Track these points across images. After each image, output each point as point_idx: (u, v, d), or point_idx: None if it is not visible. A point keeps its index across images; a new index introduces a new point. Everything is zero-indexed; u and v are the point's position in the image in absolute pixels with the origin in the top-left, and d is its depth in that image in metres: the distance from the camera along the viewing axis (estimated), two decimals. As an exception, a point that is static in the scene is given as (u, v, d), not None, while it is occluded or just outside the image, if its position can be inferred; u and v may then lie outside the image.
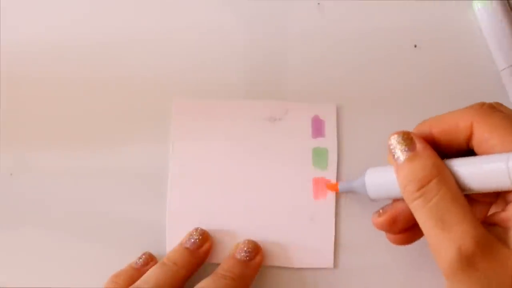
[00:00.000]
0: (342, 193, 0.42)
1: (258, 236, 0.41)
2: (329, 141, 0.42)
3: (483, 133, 0.31)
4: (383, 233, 0.40)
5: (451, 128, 0.32)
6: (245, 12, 0.44)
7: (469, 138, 0.32)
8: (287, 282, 0.41)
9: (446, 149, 0.33)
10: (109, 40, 0.44)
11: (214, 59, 0.43)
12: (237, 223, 0.41)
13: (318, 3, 0.44)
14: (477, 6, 0.43)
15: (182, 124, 0.42)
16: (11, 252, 0.41)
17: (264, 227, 0.41)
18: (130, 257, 0.40)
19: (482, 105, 0.32)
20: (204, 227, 0.41)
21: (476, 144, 0.32)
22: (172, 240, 0.41)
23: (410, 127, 0.38)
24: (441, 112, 0.37)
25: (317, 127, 0.42)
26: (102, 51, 0.44)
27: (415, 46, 0.44)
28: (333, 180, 0.42)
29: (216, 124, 0.42)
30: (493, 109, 0.32)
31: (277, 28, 0.44)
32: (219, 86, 0.43)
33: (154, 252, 0.40)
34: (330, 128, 0.42)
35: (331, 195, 0.41)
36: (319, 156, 0.42)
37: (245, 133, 0.42)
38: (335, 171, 0.42)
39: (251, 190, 0.41)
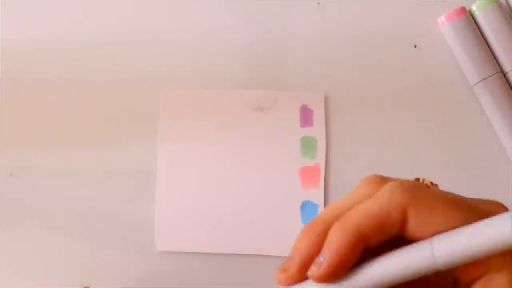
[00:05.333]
0: (332, 183, 0.42)
1: (248, 226, 0.41)
2: (317, 131, 0.42)
3: (422, 216, 0.25)
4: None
5: (383, 221, 0.26)
6: (245, 11, 0.44)
7: (403, 225, 0.26)
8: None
9: (377, 241, 0.27)
10: (107, 41, 0.44)
11: (214, 58, 0.44)
12: (226, 214, 0.42)
13: (318, 3, 0.44)
14: (475, 9, 0.43)
15: (170, 113, 0.43)
16: (11, 252, 0.42)
17: (253, 217, 0.41)
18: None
19: (402, 185, 0.26)
20: (194, 218, 0.41)
21: (412, 229, 0.26)
22: (162, 233, 0.42)
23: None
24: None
25: (305, 117, 0.42)
26: (101, 51, 0.44)
27: (415, 46, 0.44)
28: (322, 168, 0.42)
29: (204, 113, 0.43)
30: (420, 188, 0.26)
31: (277, 28, 0.44)
32: (217, 84, 0.44)
33: (143, 248, 0.42)
34: (318, 117, 0.42)
35: (320, 184, 0.41)
36: (307, 145, 0.42)
37: (233, 123, 0.42)
38: (323, 160, 0.42)
39: (240, 181, 0.42)
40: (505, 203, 0.41)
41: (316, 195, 0.41)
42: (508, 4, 0.43)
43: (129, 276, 0.42)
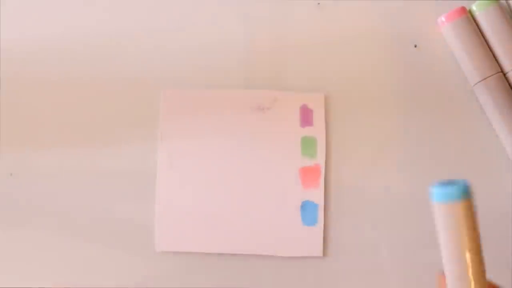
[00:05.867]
0: (332, 183, 0.42)
1: (248, 225, 0.41)
2: (317, 130, 0.42)
3: None
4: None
5: None
6: (245, 11, 0.44)
7: None
8: (277, 271, 0.41)
9: None
10: (107, 41, 0.44)
11: (214, 58, 0.44)
12: (226, 214, 0.42)
13: (318, 3, 0.44)
14: (475, 9, 0.43)
15: (170, 113, 0.43)
16: (10, 252, 0.42)
17: (253, 217, 0.41)
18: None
19: None
20: (194, 218, 0.41)
21: None
22: (162, 233, 0.42)
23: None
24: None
25: (306, 116, 0.42)
26: (102, 51, 0.44)
27: (415, 46, 0.44)
28: (322, 168, 0.42)
29: (204, 113, 0.43)
30: None
31: (277, 28, 0.44)
32: (217, 84, 0.44)
33: (143, 248, 0.42)
34: (318, 117, 0.42)
35: (320, 184, 0.42)
36: (307, 145, 0.42)
37: (233, 123, 0.42)
38: (323, 160, 0.42)
39: (240, 181, 0.42)
40: (505, 204, 0.42)
41: (316, 195, 0.41)
42: (508, 4, 0.43)
43: (129, 276, 0.42)
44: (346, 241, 0.41)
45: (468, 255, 0.26)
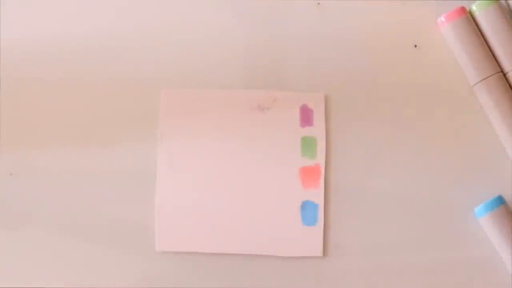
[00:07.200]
0: (332, 183, 0.42)
1: (248, 225, 0.41)
2: (317, 130, 0.42)
3: None
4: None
5: None
6: (245, 11, 0.44)
7: None
8: (277, 271, 0.41)
9: None
10: (108, 41, 0.44)
11: (214, 58, 0.44)
12: (226, 214, 0.42)
13: (318, 3, 0.44)
14: (475, 9, 0.43)
15: (170, 113, 0.43)
16: (10, 252, 0.42)
17: (253, 217, 0.41)
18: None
19: None
20: (194, 218, 0.42)
21: None
22: (162, 233, 0.42)
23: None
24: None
25: (306, 116, 0.42)
26: (102, 51, 0.44)
27: (415, 46, 0.44)
28: (322, 168, 0.42)
29: (204, 113, 0.43)
30: None
31: (277, 28, 0.44)
32: (217, 84, 0.44)
33: (143, 248, 0.42)
34: (318, 117, 0.42)
35: (320, 184, 0.42)
36: (307, 145, 0.42)
37: (233, 123, 0.43)
38: (323, 160, 0.42)
39: (240, 181, 0.42)
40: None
41: (316, 195, 0.41)
42: (508, 4, 0.43)
43: (129, 276, 0.42)
44: (346, 241, 0.41)
45: None
